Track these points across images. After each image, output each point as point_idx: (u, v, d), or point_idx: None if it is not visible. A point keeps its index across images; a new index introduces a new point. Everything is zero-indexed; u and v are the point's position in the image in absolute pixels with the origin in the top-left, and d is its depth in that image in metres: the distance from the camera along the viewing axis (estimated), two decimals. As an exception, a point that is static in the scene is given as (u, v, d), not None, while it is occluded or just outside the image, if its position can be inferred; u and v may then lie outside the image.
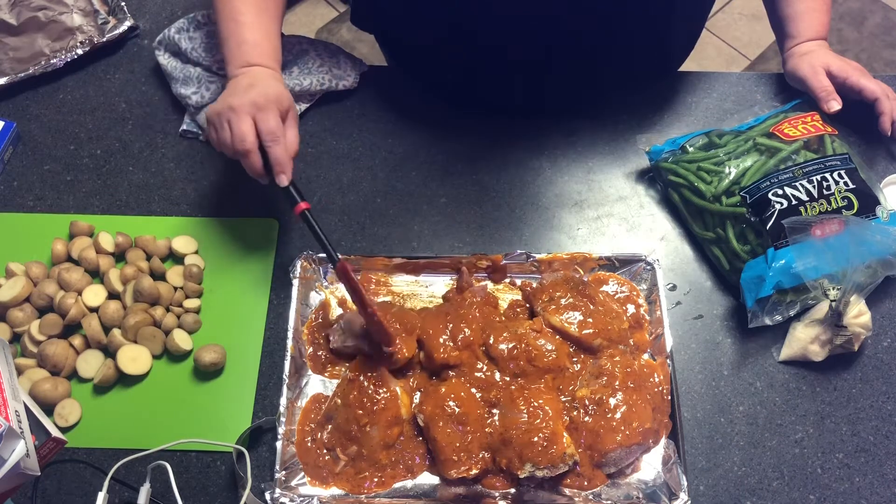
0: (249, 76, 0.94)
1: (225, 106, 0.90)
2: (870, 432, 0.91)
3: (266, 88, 0.91)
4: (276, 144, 0.89)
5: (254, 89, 0.91)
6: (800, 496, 0.87)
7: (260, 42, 0.97)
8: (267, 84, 0.93)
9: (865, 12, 2.00)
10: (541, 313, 0.93)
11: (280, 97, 0.92)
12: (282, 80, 0.98)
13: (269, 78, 0.95)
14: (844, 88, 1.06)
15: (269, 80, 0.94)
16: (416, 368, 0.92)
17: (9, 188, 1.08)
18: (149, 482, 0.80)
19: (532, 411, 0.85)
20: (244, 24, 0.96)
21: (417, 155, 1.11)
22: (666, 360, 0.91)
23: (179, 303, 0.97)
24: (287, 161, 0.89)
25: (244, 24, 0.96)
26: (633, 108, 1.15)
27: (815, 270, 0.90)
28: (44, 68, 1.15)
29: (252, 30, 0.97)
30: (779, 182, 0.95)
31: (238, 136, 0.89)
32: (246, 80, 0.93)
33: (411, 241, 1.04)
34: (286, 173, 0.89)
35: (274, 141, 0.89)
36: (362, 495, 0.85)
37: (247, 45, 0.96)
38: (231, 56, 0.97)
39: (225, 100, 0.91)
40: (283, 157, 0.89)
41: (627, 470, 0.88)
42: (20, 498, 0.84)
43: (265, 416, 0.90)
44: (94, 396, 0.92)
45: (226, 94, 0.93)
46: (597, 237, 1.05)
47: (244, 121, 0.89)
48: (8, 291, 0.95)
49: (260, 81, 0.93)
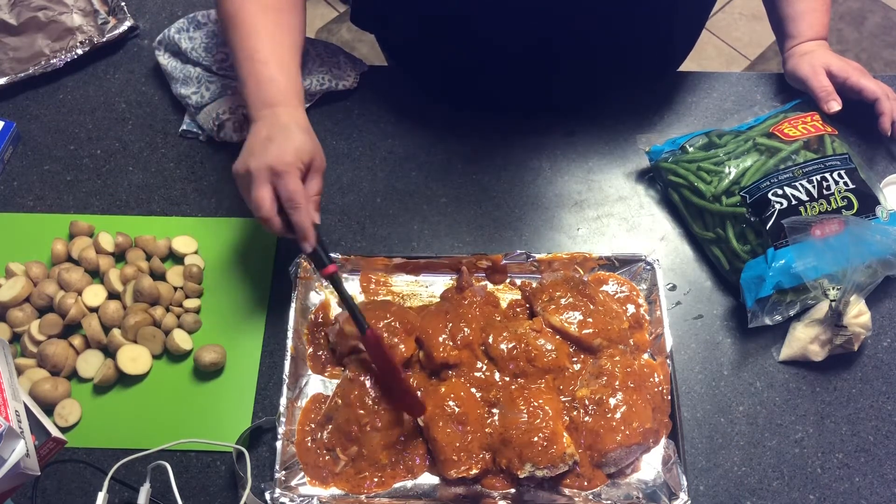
0: (269, 124, 0.88)
1: (243, 168, 0.86)
2: (870, 432, 0.91)
3: (284, 145, 0.85)
4: (297, 211, 0.84)
5: (272, 146, 0.85)
6: (800, 496, 0.87)
7: (278, 79, 0.91)
8: (286, 138, 0.86)
9: (865, 12, 2.00)
10: (541, 313, 0.93)
11: (300, 151, 0.86)
12: (305, 121, 0.91)
13: (290, 127, 0.88)
14: (844, 88, 1.06)
15: (289, 130, 0.87)
16: (415, 368, 0.92)
17: (9, 188, 1.08)
18: (149, 482, 0.81)
19: (532, 411, 0.85)
20: (261, 61, 0.91)
21: (417, 155, 1.11)
22: (666, 360, 0.91)
23: (179, 303, 0.97)
24: (309, 226, 0.85)
25: (261, 62, 0.91)
26: (633, 108, 1.15)
27: (815, 270, 0.90)
28: (44, 68, 1.15)
29: (269, 67, 0.91)
30: (779, 182, 0.95)
31: (255, 204, 0.84)
32: (265, 129, 0.88)
33: (411, 241, 1.04)
34: (309, 240, 0.85)
35: (294, 208, 0.84)
36: (362, 495, 0.85)
37: (266, 84, 0.91)
38: (251, 97, 0.91)
39: (245, 160, 0.86)
40: (304, 223, 0.84)
41: (627, 470, 0.88)
42: (20, 498, 0.84)
43: (265, 416, 0.90)
44: (94, 396, 0.92)
45: (246, 150, 0.87)
46: (597, 237, 1.05)
47: (261, 188, 0.84)
48: (8, 291, 0.95)
49: (279, 133, 0.87)
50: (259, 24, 0.93)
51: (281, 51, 0.93)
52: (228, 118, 1.08)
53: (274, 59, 0.92)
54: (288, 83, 0.92)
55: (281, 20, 0.95)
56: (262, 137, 0.87)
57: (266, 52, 0.92)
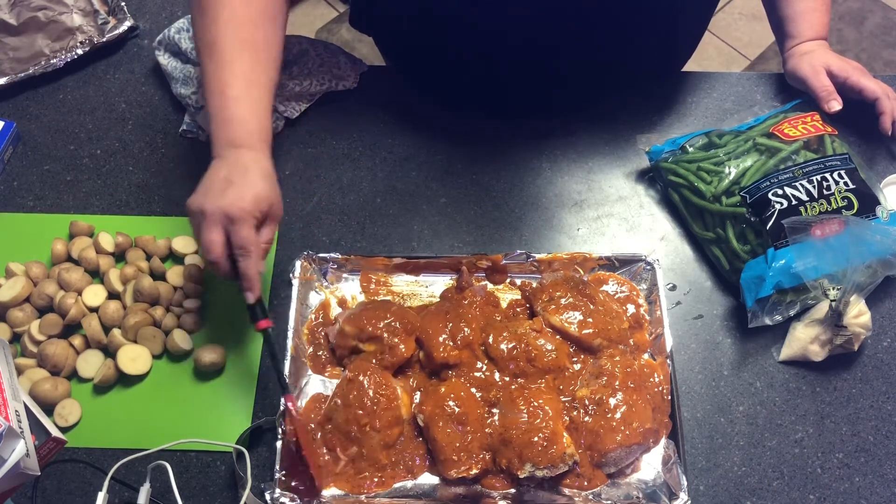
0: (230, 164, 0.86)
1: (197, 208, 0.83)
2: (870, 432, 0.91)
3: (243, 190, 0.83)
4: (246, 259, 0.83)
5: (231, 190, 0.83)
6: (800, 496, 0.87)
7: (247, 119, 0.88)
8: (245, 183, 0.84)
9: (865, 12, 2.00)
10: (541, 313, 0.93)
11: (258, 199, 0.84)
12: (269, 166, 0.89)
13: (252, 171, 0.86)
14: (845, 88, 1.06)
15: (250, 175, 0.85)
16: (415, 368, 0.92)
17: (9, 188, 1.08)
18: (149, 482, 0.81)
19: (532, 411, 0.85)
20: (232, 97, 0.88)
21: (417, 155, 1.11)
22: (666, 360, 0.91)
23: (179, 303, 0.97)
24: (256, 277, 0.84)
25: (231, 98, 0.88)
26: (633, 108, 1.15)
27: (815, 270, 0.90)
28: (44, 68, 1.15)
29: (240, 105, 0.88)
30: (779, 182, 0.95)
31: (203, 246, 0.83)
32: (225, 170, 0.85)
33: (411, 241, 1.04)
34: (253, 290, 0.84)
35: (244, 256, 0.83)
36: (362, 495, 0.85)
37: (234, 124, 0.88)
38: (217, 134, 0.88)
39: (200, 199, 0.84)
40: (251, 273, 0.83)
41: (627, 470, 0.87)
42: (20, 498, 0.84)
43: (265, 416, 0.90)
44: (94, 396, 0.92)
45: (202, 189, 0.85)
46: (597, 237, 1.05)
47: (213, 231, 0.82)
48: (8, 291, 0.95)
49: (239, 177, 0.84)
50: (236, 58, 0.89)
51: (254, 90, 0.90)
52: (228, 118, 1.08)
53: (246, 99, 0.89)
54: (258, 125, 0.89)
55: (258, 58, 0.91)
56: (220, 178, 0.85)
57: (239, 90, 0.88)
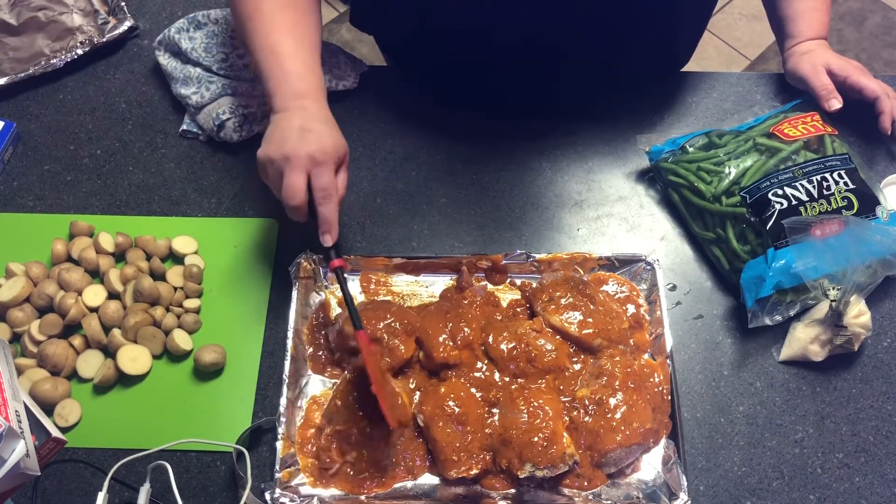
0: (302, 115, 0.87)
1: (279, 155, 0.84)
2: (870, 432, 0.91)
3: (323, 137, 0.86)
4: (328, 203, 0.85)
5: (311, 137, 0.85)
6: (800, 496, 0.87)
7: (305, 74, 0.90)
8: (323, 131, 0.86)
9: (865, 12, 2.00)
10: (541, 313, 0.93)
11: (337, 147, 0.87)
12: (332, 117, 0.91)
13: (325, 121, 0.88)
14: (845, 87, 1.06)
15: (324, 124, 0.88)
16: (415, 368, 0.92)
17: (9, 188, 1.08)
18: (149, 482, 0.80)
19: (532, 411, 0.85)
20: (285, 55, 0.90)
21: (417, 155, 1.11)
22: (666, 360, 0.91)
23: (179, 303, 0.97)
24: (335, 221, 0.85)
25: (285, 55, 0.90)
26: (633, 108, 1.15)
27: (815, 270, 0.90)
28: (44, 68, 1.15)
29: (294, 62, 0.90)
30: (779, 182, 0.95)
31: (289, 190, 0.84)
32: (298, 119, 0.87)
33: (411, 241, 1.04)
34: (331, 233, 0.86)
35: (326, 199, 0.84)
36: (362, 495, 0.85)
37: (294, 77, 0.89)
38: (277, 90, 0.89)
39: (279, 147, 0.85)
40: (332, 217, 0.85)
41: (627, 470, 0.87)
42: (20, 498, 0.84)
43: (265, 416, 0.90)
44: (94, 396, 0.92)
45: (279, 138, 0.86)
46: (597, 237, 1.05)
47: (298, 176, 0.84)
48: (8, 291, 0.95)
49: (315, 126, 0.86)
50: (279, 21, 0.92)
51: (303, 47, 0.92)
52: (228, 118, 1.08)
53: (298, 55, 0.91)
54: (316, 80, 0.92)
55: (299, 18, 0.94)
56: (295, 126, 0.86)
57: (289, 47, 0.91)
